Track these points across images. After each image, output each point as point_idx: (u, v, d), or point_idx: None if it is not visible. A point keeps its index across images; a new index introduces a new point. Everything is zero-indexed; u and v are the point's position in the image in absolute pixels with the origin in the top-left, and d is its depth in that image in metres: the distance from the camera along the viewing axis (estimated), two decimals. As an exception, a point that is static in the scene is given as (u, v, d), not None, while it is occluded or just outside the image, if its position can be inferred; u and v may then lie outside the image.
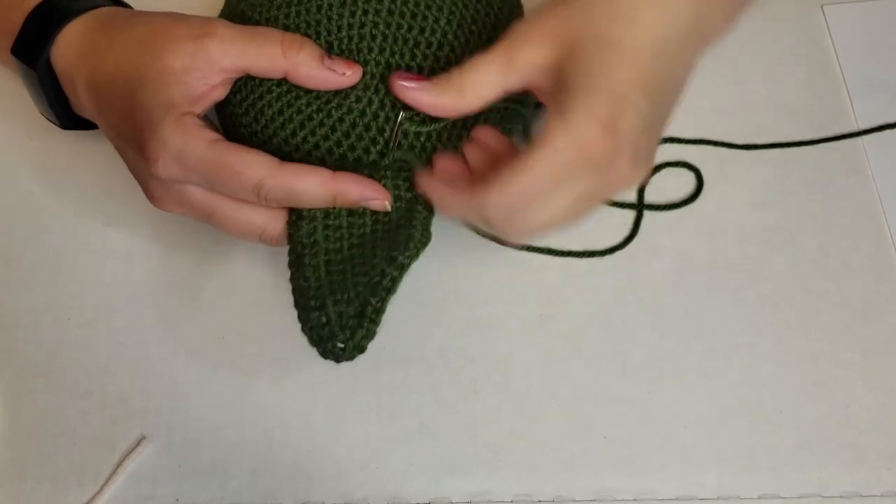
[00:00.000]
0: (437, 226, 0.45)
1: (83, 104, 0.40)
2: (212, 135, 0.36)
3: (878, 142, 0.48)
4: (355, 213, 0.38)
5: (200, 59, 0.37)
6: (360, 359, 0.42)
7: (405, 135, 0.38)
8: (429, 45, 0.39)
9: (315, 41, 0.39)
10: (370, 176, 0.38)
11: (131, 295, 0.44)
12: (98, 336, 0.43)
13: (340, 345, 0.35)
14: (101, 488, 0.40)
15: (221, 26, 0.37)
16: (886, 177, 0.47)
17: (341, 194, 0.37)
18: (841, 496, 0.40)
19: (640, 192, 0.46)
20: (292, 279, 0.37)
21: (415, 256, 0.36)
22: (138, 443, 0.41)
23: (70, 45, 0.39)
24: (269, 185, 0.36)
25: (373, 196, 0.37)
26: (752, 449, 0.41)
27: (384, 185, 0.38)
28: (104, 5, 0.41)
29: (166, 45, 0.37)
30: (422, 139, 0.38)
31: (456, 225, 0.45)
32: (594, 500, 0.40)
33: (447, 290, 0.44)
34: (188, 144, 0.36)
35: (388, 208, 0.38)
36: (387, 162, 0.38)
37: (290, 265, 0.37)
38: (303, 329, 0.36)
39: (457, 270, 0.45)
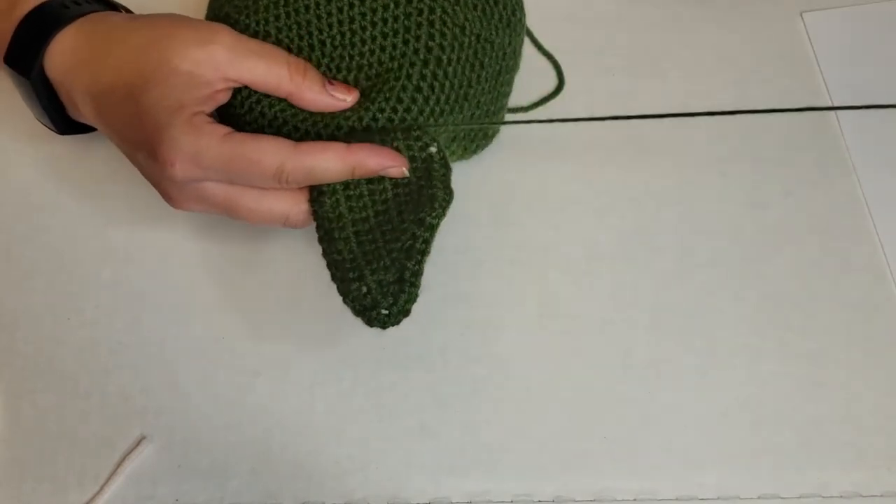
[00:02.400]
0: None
1: (82, 111, 0.40)
2: (223, 129, 0.36)
3: (862, 145, 0.48)
4: (374, 180, 0.38)
5: (207, 65, 0.37)
6: (360, 359, 0.43)
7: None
8: (420, 12, 0.39)
9: (307, 40, 0.39)
10: (382, 141, 0.38)
11: (131, 295, 0.44)
12: (98, 336, 0.43)
13: (385, 311, 0.35)
14: (101, 488, 0.40)
15: (227, 34, 0.37)
16: (871, 178, 0.47)
17: (359, 165, 0.37)
18: (841, 496, 0.40)
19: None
20: (325, 254, 0.37)
21: (442, 215, 0.37)
22: (138, 443, 0.41)
23: (64, 52, 0.39)
24: (289, 169, 0.36)
25: (390, 164, 0.38)
26: (752, 449, 0.41)
27: (397, 149, 0.38)
28: (97, 10, 0.40)
29: (171, 48, 0.36)
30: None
31: (455, 224, 0.45)
32: (594, 500, 0.40)
33: (447, 290, 0.44)
34: (202, 143, 0.36)
35: (407, 174, 0.38)
36: (395, 124, 0.38)
37: (321, 241, 0.38)
38: (344, 301, 0.36)
39: (456, 270, 0.45)
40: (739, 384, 0.42)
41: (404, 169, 0.38)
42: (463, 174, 0.46)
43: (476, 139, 0.45)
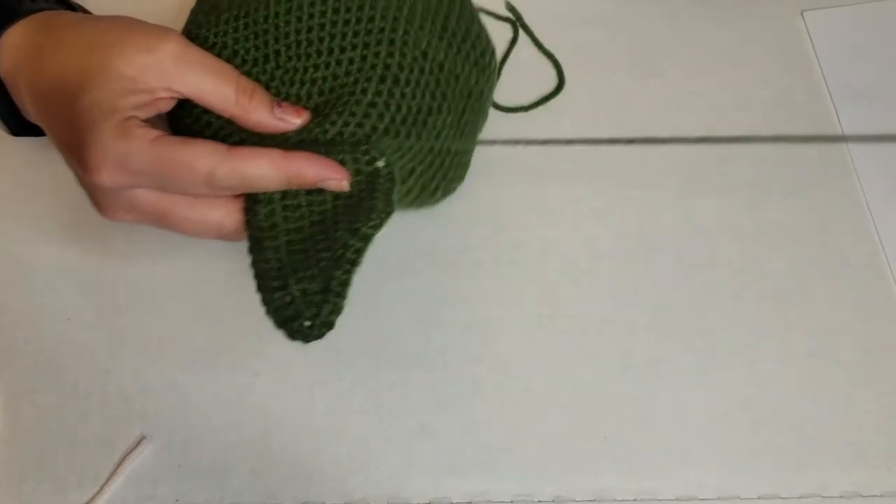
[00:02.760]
0: (437, 227, 0.45)
1: (29, 109, 0.38)
2: (154, 132, 0.35)
3: (862, 145, 0.48)
4: (314, 190, 0.37)
5: (152, 72, 0.35)
6: (360, 359, 0.43)
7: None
8: (381, 30, 0.38)
9: (262, 51, 0.39)
10: (328, 153, 0.37)
11: (131, 295, 0.44)
12: (98, 336, 0.43)
13: (307, 323, 0.34)
14: (101, 488, 0.40)
15: (176, 42, 0.36)
16: (871, 178, 0.47)
17: (296, 175, 0.35)
18: (841, 496, 0.40)
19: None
20: (253, 264, 0.36)
21: (378, 227, 0.35)
22: (138, 443, 0.41)
23: (11, 48, 0.37)
24: (221, 174, 0.34)
25: (329, 176, 0.36)
26: (752, 449, 0.41)
27: (342, 161, 0.36)
28: (50, 8, 0.39)
29: (117, 50, 0.35)
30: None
31: (454, 224, 0.45)
32: (594, 500, 0.40)
33: (446, 290, 0.44)
34: (132, 146, 0.34)
35: (346, 188, 0.36)
36: (345, 138, 0.37)
37: (250, 251, 0.36)
38: (266, 312, 0.35)
39: (456, 271, 0.45)
40: (739, 384, 0.42)
41: (344, 182, 0.36)
42: (464, 175, 0.46)
43: (435, 179, 0.42)
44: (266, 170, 0.35)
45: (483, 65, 0.43)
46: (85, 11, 0.43)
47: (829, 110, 0.49)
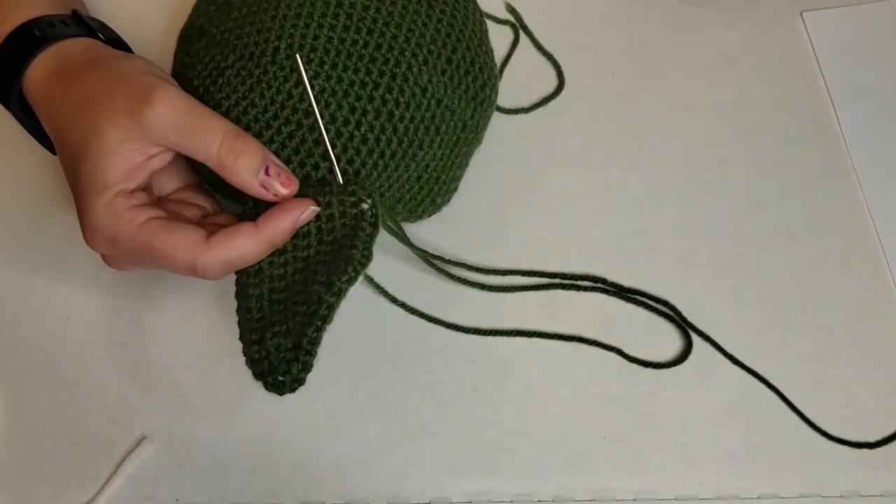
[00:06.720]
0: (437, 228, 0.45)
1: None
2: (143, 215, 0.36)
3: (862, 145, 0.48)
4: (299, 233, 0.37)
5: (136, 132, 0.35)
6: (360, 359, 0.43)
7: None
8: (385, 62, 0.38)
9: (262, 46, 0.38)
10: (316, 194, 0.37)
11: (131, 295, 0.44)
12: (98, 336, 0.43)
13: (281, 378, 0.35)
14: (102, 488, 0.40)
15: (163, 98, 0.35)
16: (870, 178, 0.47)
17: (276, 235, 0.36)
18: (841, 496, 0.40)
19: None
20: (237, 311, 0.37)
21: (353, 280, 0.35)
22: (138, 443, 0.41)
23: (35, 80, 0.38)
24: (202, 266, 0.35)
25: (299, 212, 0.36)
26: (752, 449, 0.41)
27: (329, 203, 0.37)
28: (72, 34, 0.39)
29: (105, 113, 0.36)
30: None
31: (456, 224, 0.45)
32: (594, 500, 0.40)
33: (447, 290, 0.44)
34: (120, 228, 0.35)
35: (318, 209, 0.37)
36: (334, 179, 0.38)
37: (236, 296, 0.37)
38: (246, 363, 0.36)
39: (457, 271, 0.45)
40: (739, 384, 0.42)
41: (311, 207, 0.37)
42: (464, 175, 0.46)
43: (423, 204, 0.43)
44: (246, 247, 0.36)
45: (482, 98, 0.43)
46: (111, 35, 0.42)
47: (828, 110, 0.49)
